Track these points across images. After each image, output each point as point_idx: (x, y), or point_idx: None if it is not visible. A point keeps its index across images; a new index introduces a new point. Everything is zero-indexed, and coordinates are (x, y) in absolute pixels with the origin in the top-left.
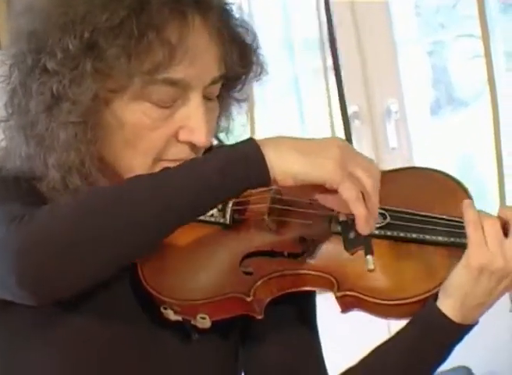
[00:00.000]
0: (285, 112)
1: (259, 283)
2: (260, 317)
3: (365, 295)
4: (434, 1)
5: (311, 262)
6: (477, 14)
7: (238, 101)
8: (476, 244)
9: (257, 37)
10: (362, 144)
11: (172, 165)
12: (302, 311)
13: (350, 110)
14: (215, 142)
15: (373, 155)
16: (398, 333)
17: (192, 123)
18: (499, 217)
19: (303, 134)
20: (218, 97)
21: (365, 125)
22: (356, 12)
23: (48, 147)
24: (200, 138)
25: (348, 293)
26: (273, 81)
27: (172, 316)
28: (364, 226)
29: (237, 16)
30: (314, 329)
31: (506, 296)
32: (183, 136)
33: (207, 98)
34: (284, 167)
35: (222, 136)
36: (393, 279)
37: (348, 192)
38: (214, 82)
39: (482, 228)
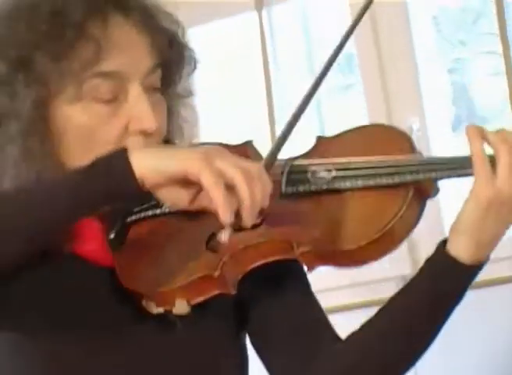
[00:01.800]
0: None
1: (225, 258)
2: (233, 293)
3: (323, 247)
4: (454, 18)
5: (271, 229)
6: (497, 31)
7: (182, 97)
8: (483, 176)
9: (183, 27)
10: None
11: None
12: (293, 281)
13: None
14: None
15: None
16: (408, 287)
17: (137, 112)
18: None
19: None
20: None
21: None
22: (377, 30)
23: (2, 166)
24: (150, 122)
25: (305, 249)
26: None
27: (154, 308)
28: (224, 215)
29: (161, 11)
30: (309, 294)
31: None
32: (132, 126)
33: (149, 89)
34: (145, 162)
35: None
36: (348, 227)
37: (206, 179)
38: (151, 72)
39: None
